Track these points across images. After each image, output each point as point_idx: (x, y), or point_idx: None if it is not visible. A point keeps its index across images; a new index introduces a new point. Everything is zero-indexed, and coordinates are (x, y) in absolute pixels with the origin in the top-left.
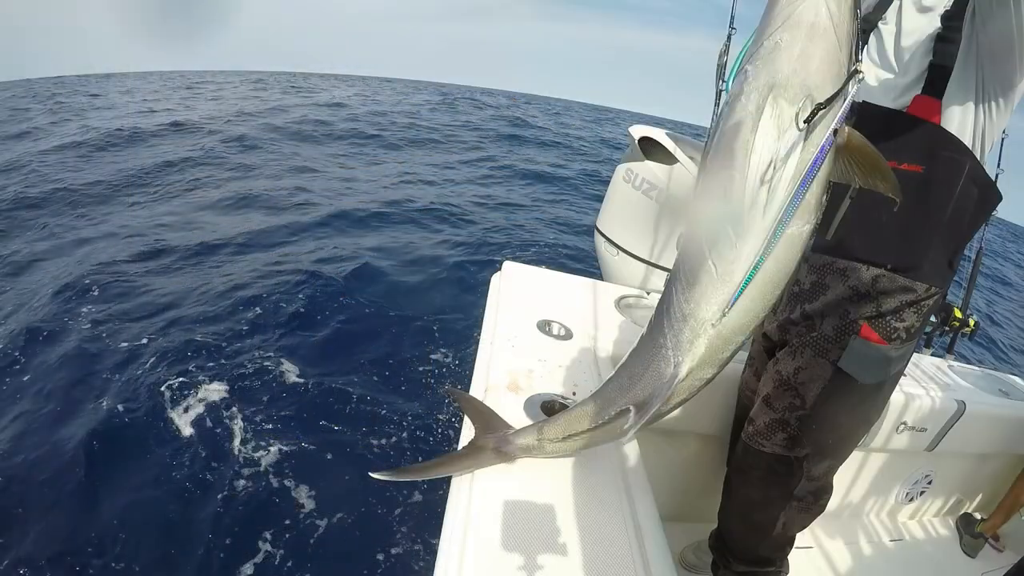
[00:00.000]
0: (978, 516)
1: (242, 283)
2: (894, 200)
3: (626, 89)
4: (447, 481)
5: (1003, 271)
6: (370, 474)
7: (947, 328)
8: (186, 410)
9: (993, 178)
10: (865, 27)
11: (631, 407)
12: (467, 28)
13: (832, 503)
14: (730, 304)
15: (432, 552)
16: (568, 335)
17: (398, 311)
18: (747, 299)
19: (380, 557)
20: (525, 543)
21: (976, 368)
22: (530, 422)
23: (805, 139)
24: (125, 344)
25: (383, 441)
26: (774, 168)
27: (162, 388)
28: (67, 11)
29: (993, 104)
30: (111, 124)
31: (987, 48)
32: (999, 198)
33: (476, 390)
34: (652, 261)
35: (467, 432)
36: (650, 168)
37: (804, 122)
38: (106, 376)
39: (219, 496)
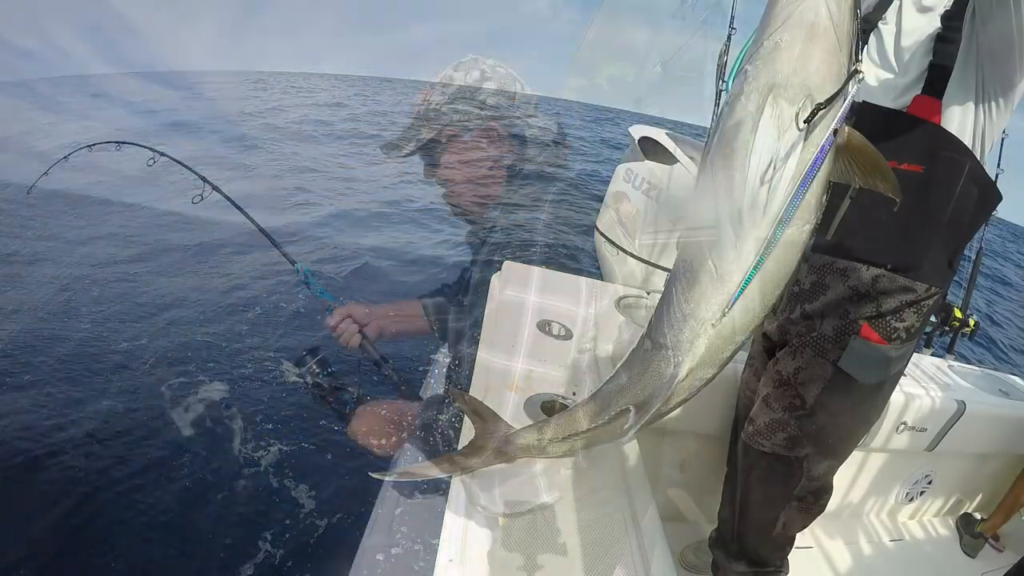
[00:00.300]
0: (978, 516)
1: (242, 283)
2: (894, 200)
3: None
4: (447, 481)
5: (1003, 271)
6: (370, 474)
7: (947, 328)
8: (186, 410)
9: (993, 178)
10: (865, 27)
11: (631, 407)
12: (467, 28)
13: (832, 503)
14: (730, 304)
15: (432, 552)
16: (568, 335)
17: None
18: (747, 299)
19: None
20: (525, 543)
21: (976, 368)
22: (530, 422)
23: (805, 139)
24: (125, 344)
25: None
26: (774, 168)
27: (162, 388)
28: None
29: (993, 104)
30: (112, 124)
31: (987, 48)
32: (999, 198)
33: (476, 390)
34: (652, 261)
35: (467, 432)
36: (650, 168)
37: (804, 122)
38: (106, 376)
39: (219, 496)
